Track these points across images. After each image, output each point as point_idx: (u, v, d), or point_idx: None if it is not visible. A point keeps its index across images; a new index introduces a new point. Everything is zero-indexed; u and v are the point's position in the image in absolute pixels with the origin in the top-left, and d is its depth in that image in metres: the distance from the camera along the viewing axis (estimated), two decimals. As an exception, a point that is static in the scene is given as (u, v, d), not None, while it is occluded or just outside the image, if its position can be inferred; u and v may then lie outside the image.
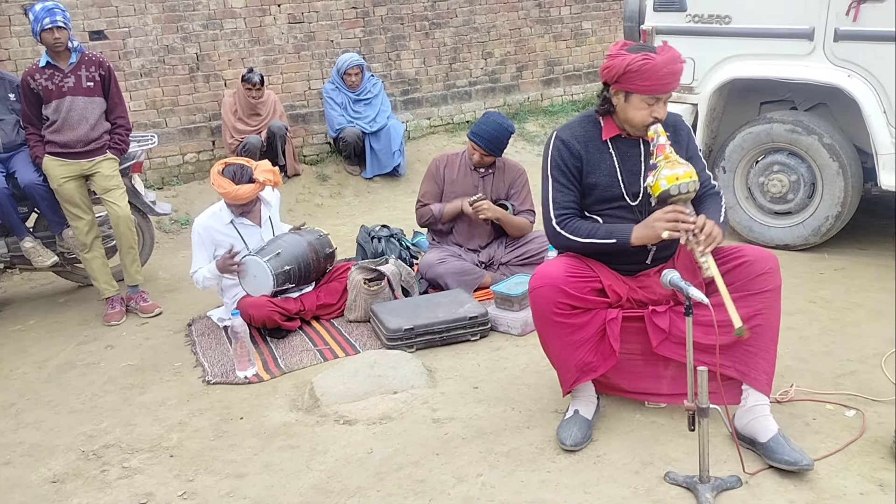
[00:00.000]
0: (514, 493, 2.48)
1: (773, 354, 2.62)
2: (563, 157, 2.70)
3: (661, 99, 2.59)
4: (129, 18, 6.30)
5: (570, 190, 2.72)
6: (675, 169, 2.51)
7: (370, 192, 6.77)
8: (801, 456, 2.42)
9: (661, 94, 2.58)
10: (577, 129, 2.74)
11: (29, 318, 4.55)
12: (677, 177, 2.49)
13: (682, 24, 4.70)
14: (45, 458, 2.97)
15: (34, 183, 4.25)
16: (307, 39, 7.07)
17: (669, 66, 2.54)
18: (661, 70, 2.52)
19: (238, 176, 3.88)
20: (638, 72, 2.53)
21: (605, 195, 2.71)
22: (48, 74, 4.14)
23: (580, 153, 2.69)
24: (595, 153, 2.70)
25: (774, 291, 2.59)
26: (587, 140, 2.71)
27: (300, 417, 3.09)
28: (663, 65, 2.53)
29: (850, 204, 4.33)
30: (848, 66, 4.13)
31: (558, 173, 2.72)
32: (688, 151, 2.73)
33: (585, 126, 2.74)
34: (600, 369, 2.70)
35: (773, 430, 2.52)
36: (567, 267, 2.66)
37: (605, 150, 2.71)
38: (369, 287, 3.98)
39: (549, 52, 8.45)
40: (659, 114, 2.60)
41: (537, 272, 2.68)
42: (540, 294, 2.62)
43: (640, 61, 2.52)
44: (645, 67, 2.52)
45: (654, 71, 2.52)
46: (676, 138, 2.71)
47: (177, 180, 6.56)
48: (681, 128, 2.78)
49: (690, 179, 2.51)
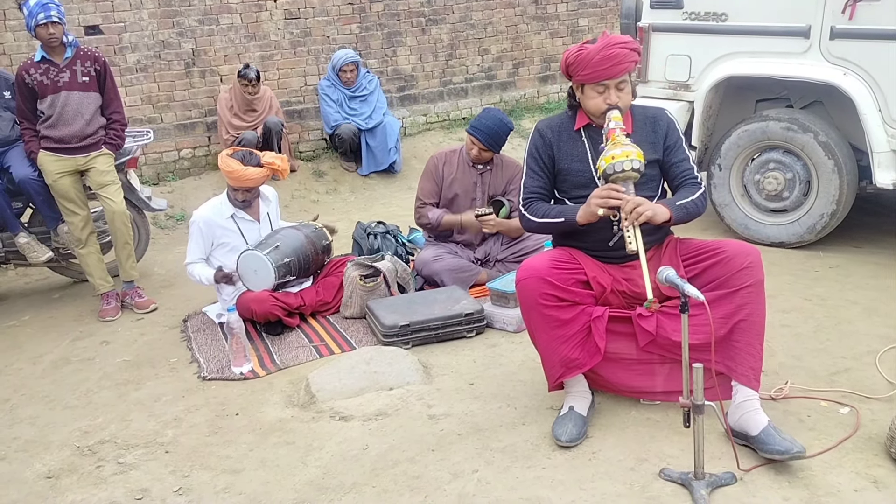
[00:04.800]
0: (510, 489, 2.48)
1: (760, 349, 2.63)
2: (536, 145, 2.86)
3: (609, 86, 2.67)
4: (125, 13, 6.28)
5: (539, 176, 2.86)
6: (613, 149, 2.57)
7: (366, 188, 6.77)
8: (792, 444, 2.43)
9: (605, 81, 2.66)
10: (555, 121, 2.90)
11: (24, 313, 4.54)
12: (613, 156, 2.57)
13: (678, 21, 4.70)
14: (39, 453, 2.96)
15: (29, 178, 4.24)
16: (303, 35, 7.06)
17: (603, 52, 2.63)
18: (594, 57, 2.64)
19: (247, 160, 3.92)
20: (575, 63, 2.69)
21: (579, 180, 2.80)
22: (43, 69, 4.13)
23: (552, 141, 2.83)
24: (568, 141, 2.83)
25: (756, 286, 2.60)
26: (561, 130, 2.85)
27: (296, 413, 3.09)
28: (595, 52, 2.64)
29: (846, 202, 4.34)
30: (844, 65, 4.14)
31: (531, 160, 2.87)
32: (667, 141, 2.80)
33: (563, 118, 2.89)
34: (585, 366, 2.72)
35: (763, 422, 2.53)
36: (552, 259, 2.72)
37: (577, 138, 2.82)
38: (365, 283, 3.98)
39: (545, 49, 8.45)
40: (611, 100, 2.67)
41: (523, 265, 2.73)
42: (526, 285, 2.66)
43: (574, 53, 2.69)
44: (580, 58, 2.67)
45: (588, 60, 2.65)
46: (654, 129, 2.79)
47: (172, 176, 6.54)
48: (660, 119, 2.83)
49: (627, 158, 2.55)
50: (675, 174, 2.80)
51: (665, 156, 2.80)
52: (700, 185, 2.79)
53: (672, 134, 2.82)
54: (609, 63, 2.63)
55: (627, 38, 2.70)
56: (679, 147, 2.81)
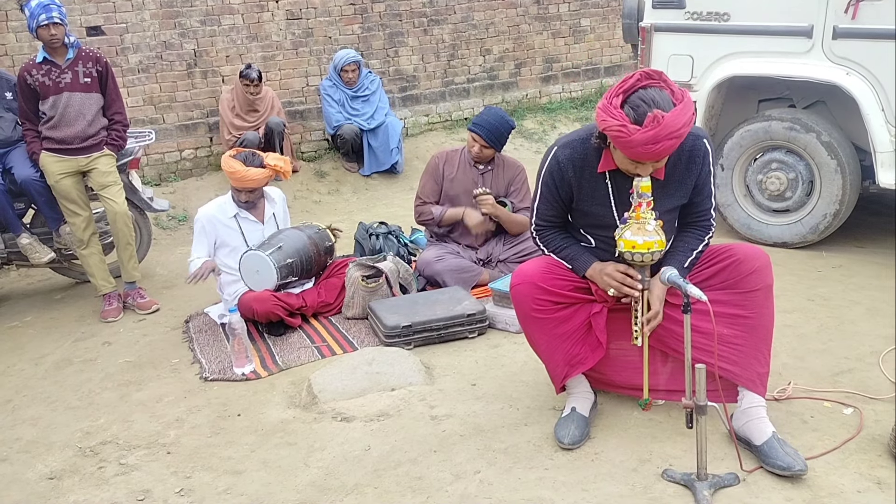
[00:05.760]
0: (512, 490, 2.48)
1: (767, 354, 2.60)
2: (554, 178, 2.61)
3: (645, 164, 2.39)
4: (127, 14, 6.28)
5: (554, 206, 2.67)
6: (636, 235, 2.46)
7: (368, 189, 6.77)
8: (794, 461, 2.40)
9: (639, 163, 2.39)
10: (578, 151, 2.56)
11: (26, 314, 4.54)
12: (635, 245, 2.45)
13: (680, 21, 4.69)
14: (41, 454, 2.96)
15: (31, 179, 4.24)
16: (305, 36, 7.06)
17: (646, 146, 2.27)
18: (636, 147, 2.29)
19: (249, 160, 3.93)
20: (613, 137, 2.35)
21: (599, 222, 2.63)
22: (45, 70, 4.13)
23: (571, 180, 2.58)
24: (590, 181, 2.57)
25: (765, 290, 2.56)
26: (584, 167, 2.56)
27: (298, 414, 3.09)
28: (639, 143, 2.27)
29: (848, 202, 4.33)
30: (846, 64, 4.13)
31: (546, 190, 2.65)
32: (698, 179, 2.57)
33: (586, 149, 2.55)
34: (589, 361, 2.70)
35: (767, 433, 2.50)
36: (546, 265, 2.68)
37: (601, 179, 2.56)
38: (367, 284, 3.97)
39: (547, 50, 8.44)
40: (642, 173, 2.42)
41: (517, 271, 2.71)
42: (519, 291, 2.64)
43: (615, 130, 2.30)
44: (619, 139, 2.31)
45: (627, 145, 2.31)
46: (689, 167, 2.55)
47: (174, 177, 6.54)
48: (696, 154, 2.54)
49: (647, 251, 2.45)
50: (691, 211, 2.66)
51: (691, 194, 2.61)
52: (711, 227, 2.65)
53: (705, 170, 2.57)
54: (652, 155, 2.31)
55: (680, 124, 2.28)
56: (707, 185, 2.60)
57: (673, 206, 2.60)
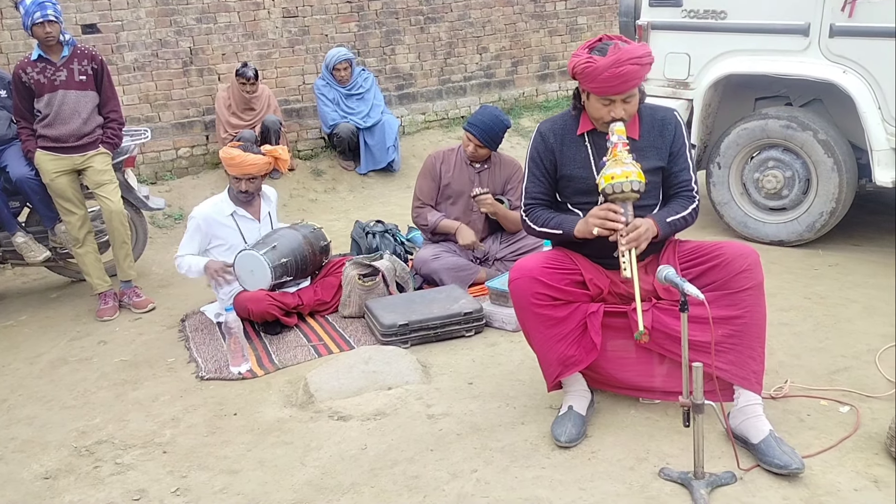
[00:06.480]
0: (509, 489, 2.47)
1: (761, 352, 2.61)
2: (538, 149, 2.78)
3: (615, 100, 2.56)
4: (122, 12, 6.27)
5: (541, 181, 2.79)
6: (614, 168, 2.51)
7: (364, 187, 6.76)
8: (791, 459, 2.40)
9: (610, 96, 2.55)
10: (558, 123, 2.79)
11: (21, 313, 4.52)
12: (613, 176, 2.50)
13: (677, 19, 4.69)
14: (37, 454, 2.95)
15: (26, 177, 4.22)
16: (301, 34, 7.04)
17: (612, 69, 2.48)
18: (602, 73, 2.49)
19: (247, 149, 3.93)
20: (582, 74, 2.55)
21: (581, 187, 2.73)
22: (40, 68, 4.11)
23: (554, 146, 2.74)
24: (571, 146, 2.74)
25: (756, 288, 2.57)
26: (564, 133, 2.75)
27: (294, 413, 3.08)
28: (605, 68, 2.48)
29: (845, 200, 4.34)
30: (843, 62, 4.13)
31: (533, 165, 2.80)
32: (672, 148, 2.72)
33: (566, 120, 2.78)
34: (582, 363, 2.70)
35: (764, 431, 2.50)
36: (546, 259, 2.70)
37: (580, 143, 2.73)
38: (364, 283, 3.97)
39: (544, 48, 8.44)
40: (616, 113, 2.57)
41: (515, 265, 2.71)
42: (518, 286, 2.65)
43: (582, 64, 2.53)
44: (587, 70, 2.52)
45: (595, 74, 2.51)
46: (662, 133, 2.71)
47: (170, 175, 6.53)
48: (668, 123, 2.73)
49: (626, 179, 2.49)
50: (672, 183, 2.75)
51: (668, 162, 2.73)
52: (694, 198, 2.73)
53: (678, 140, 2.73)
54: (618, 81, 2.51)
55: (640, 52, 2.52)
56: (682, 155, 2.73)
57: (651, 166, 2.66)
